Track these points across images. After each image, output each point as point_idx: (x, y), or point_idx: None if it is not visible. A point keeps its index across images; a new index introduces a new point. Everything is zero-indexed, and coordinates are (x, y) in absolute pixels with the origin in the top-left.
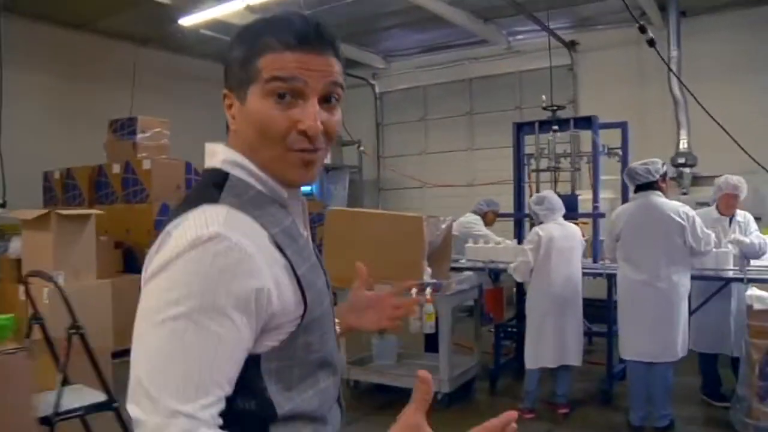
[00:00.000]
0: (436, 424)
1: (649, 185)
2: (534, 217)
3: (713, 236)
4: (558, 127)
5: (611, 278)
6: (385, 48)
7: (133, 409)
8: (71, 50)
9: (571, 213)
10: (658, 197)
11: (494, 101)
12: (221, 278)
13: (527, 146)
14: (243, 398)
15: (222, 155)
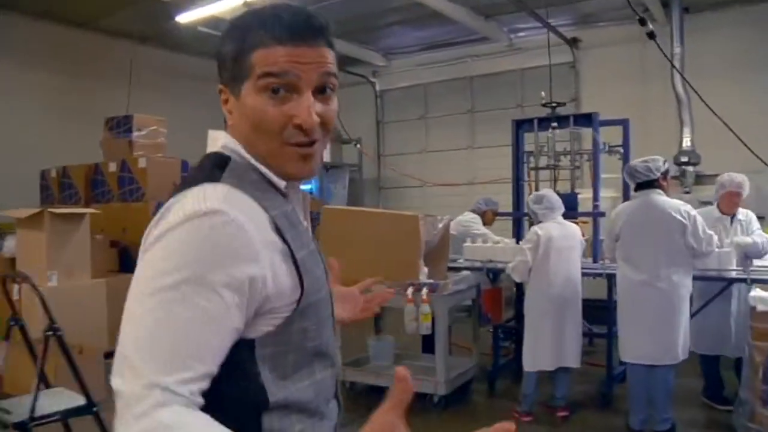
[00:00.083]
0: (432, 427)
1: (650, 183)
2: (532, 216)
3: (715, 238)
4: (557, 124)
5: (611, 278)
6: (386, 45)
7: (115, 380)
8: (69, 48)
9: (571, 212)
10: (658, 196)
11: (495, 99)
12: (214, 252)
13: (527, 144)
14: (236, 384)
15: (223, 141)
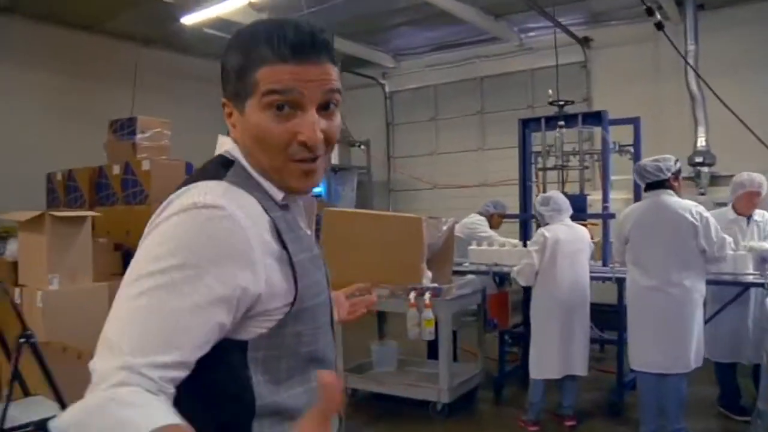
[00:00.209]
0: None
1: (660, 183)
2: (539, 218)
3: (730, 240)
4: (565, 123)
5: (621, 282)
6: (395, 46)
7: (93, 360)
8: (74, 50)
9: (580, 214)
10: (669, 196)
11: (506, 100)
12: (208, 244)
13: (535, 144)
14: (227, 386)
15: (229, 146)
